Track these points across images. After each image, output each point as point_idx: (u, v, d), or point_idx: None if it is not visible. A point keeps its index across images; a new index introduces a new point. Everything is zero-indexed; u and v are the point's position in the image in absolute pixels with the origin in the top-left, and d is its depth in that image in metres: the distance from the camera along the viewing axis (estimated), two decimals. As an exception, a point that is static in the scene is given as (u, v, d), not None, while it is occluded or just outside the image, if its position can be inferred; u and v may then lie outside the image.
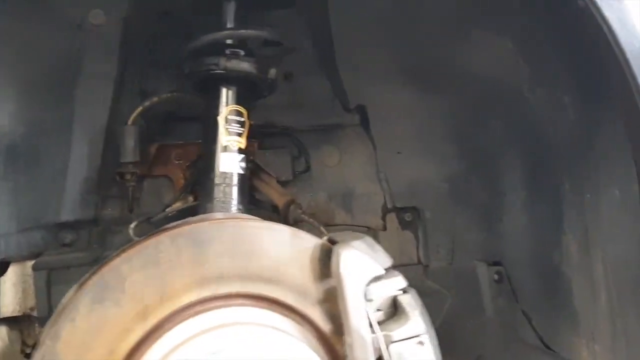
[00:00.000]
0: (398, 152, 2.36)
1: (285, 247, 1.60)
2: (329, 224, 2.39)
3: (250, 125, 1.91)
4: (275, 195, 2.17)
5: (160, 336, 1.54)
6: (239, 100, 1.90)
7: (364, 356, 1.51)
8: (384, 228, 2.43)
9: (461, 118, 2.25)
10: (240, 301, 1.59)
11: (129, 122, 2.03)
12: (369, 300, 1.57)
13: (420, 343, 1.56)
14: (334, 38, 2.14)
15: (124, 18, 2.01)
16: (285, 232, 1.61)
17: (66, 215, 2.09)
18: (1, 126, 2.01)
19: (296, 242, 1.61)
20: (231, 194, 1.86)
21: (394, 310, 1.62)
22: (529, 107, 1.97)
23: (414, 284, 2.40)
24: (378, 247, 1.67)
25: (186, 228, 1.58)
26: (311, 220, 2.17)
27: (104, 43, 2.01)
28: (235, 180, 1.87)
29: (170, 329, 1.54)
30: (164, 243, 1.54)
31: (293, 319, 1.61)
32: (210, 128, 1.88)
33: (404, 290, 1.65)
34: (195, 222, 1.65)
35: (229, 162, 1.86)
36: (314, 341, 1.61)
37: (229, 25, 1.93)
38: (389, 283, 1.61)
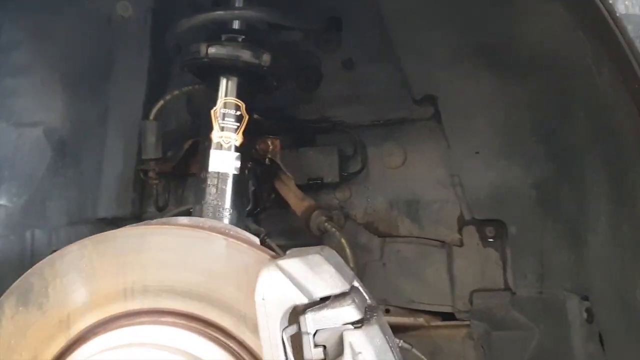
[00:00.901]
0: (476, 152, 1.94)
1: (220, 262, 1.38)
2: (391, 234, 2.07)
3: (249, 119, 1.69)
4: (294, 200, 1.91)
5: (80, 346, 1.42)
6: (239, 92, 1.69)
7: (279, 398, 1.23)
8: (461, 243, 2.02)
9: (544, 108, 1.79)
10: (167, 319, 1.40)
11: (151, 117, 1.93)
12: (306, 334, 1.28)
13: (353, 395, 1.23)
14: (385, 18, 1.83)
15: (152, 9, 1.92)
16: (221, 244, 1.38)
17: (103, 212, 2.06)
18: (51, 121, 2.06)
19: (234, 256, 1.38)
20: (223, 197, 1.66)
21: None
22: (602, 94, 1.49)
23: (498, 314, 2.01)
24: (326, 268, 1.34)
25: (112, 234, 1.43)
26: (334, 230, 1.87)
27: (134, 36, 1.95)
28: (228, 181, 1.66)
29: (91, 339, 1.41)
30: (87, 248, 1.42)
31: (227, 346, 1.38)
32: (205, 123, 1.70)
33: (358, 324, 1.32)
34: (144, 226, 1.50)
35: (221, 160, 1.66)
36: (250, 373, 1.37)
37: (237, 5, 1.72)
38: (332, 314, 1.29)
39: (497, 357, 1.94)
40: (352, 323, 1.31)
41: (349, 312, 1.31)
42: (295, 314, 1.29)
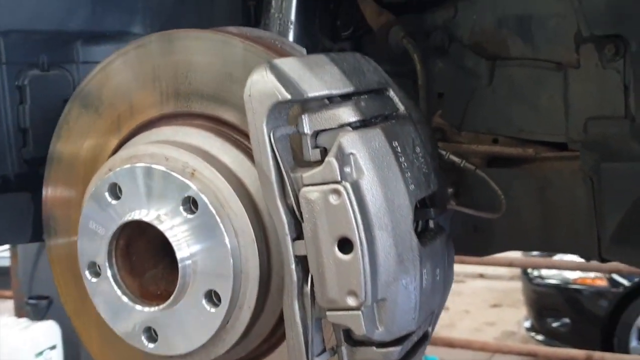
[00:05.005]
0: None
1: (238, 66, 1.38)
2: (501, 56, 1.87)
3: None
4: (370, 13, 1.77)
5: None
6: None
7: (270, 196, 1.24)
8: (578, 64, 1.76)
9: None
10: (197, 122, 1.45)
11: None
12: (304, 134, 1.25)
13: (335, 192, 1.19)
14: None
15: None
16: (238, 46, 1.38)
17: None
18: None
19: (251, 59, 1.37)
20: (289, 10, 1.62)
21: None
22: None
23: (614, 144, 1.80)
24: (329, 69, 1.29)
25: (148, 38, 1.49)
26: (411, 45, 1.71)
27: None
28: (294, -7, 1.62)
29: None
30: (129, 54, 1.50)
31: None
32: None
33: (356, 126, 1.25)
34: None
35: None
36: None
37: None
38: (329, 115, 1.25)
39: (606, 191, 1.72)
40: (351, 125, 1.25)
41: (346, 112, 1.26)
42: (295, 116, 1.27)
